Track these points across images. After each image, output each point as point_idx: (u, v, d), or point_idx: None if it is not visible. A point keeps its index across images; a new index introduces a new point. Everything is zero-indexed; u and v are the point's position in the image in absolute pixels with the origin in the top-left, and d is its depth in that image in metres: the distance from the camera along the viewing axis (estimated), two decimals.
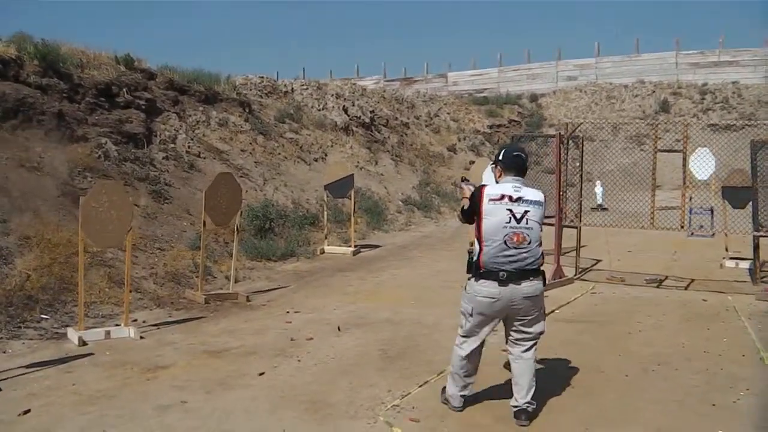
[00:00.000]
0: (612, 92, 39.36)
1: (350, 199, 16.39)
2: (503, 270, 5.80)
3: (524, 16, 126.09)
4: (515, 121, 37.47)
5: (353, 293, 11.63)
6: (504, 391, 6.48)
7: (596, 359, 7.71)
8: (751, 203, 12.95)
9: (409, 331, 9.01)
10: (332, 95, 26.80)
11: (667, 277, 12.85)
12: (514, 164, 6.09)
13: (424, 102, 33.99)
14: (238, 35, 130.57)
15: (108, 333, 8.74)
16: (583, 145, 13.53)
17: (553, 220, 12.72)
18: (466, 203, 6.25)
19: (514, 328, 6.11)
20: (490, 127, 35.43)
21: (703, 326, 9.24)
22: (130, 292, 9.75)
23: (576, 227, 12.98)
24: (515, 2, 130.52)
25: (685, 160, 12.13)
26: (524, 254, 5.83)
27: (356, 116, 26.18)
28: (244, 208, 14.37)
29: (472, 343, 6.17)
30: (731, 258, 14.29)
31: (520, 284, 5.83)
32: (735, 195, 13.85)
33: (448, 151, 30.14)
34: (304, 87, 26.51)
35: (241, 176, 17.29)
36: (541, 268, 6.01)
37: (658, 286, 12.21)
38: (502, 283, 5.82)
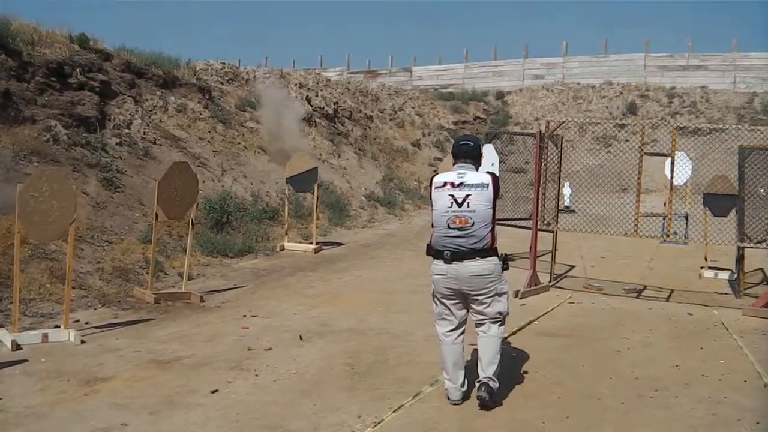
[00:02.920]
0: (579, 92, 38.86)
1: (313, 193, 15.61)
2: (447, 249, 6.19)
3: (491, 13, 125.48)
4: (480, 118, 36.90)
5: (315, 296, 10.85)
6: None
7: (588, 383, 6.98)
8: (734, 212, 12.48)
9: (378, 342, 8.25)
10: (296, 84, 25.98)
11: (645, 287, 12.23)
12: (460, 152, 6.45)
13: (388, 95, 33.23)
14: (200, 19, 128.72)
15: (45, 336, 7.89)
16: (562, 145, 12.89)
17: (529, 223, 12.13)
18: None
19: (473, 310, 6.42)
20: (455, 123, 34.83)
21: (695, 345, 8.57)
22: (73, 289, 9.02)
23: (552, 231, 12.32)
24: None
25: (673, 164, 11.49)
26: (467, 235, 6.14)
27: (320, 107, 25.43)
28: (201, 199, 13.58)
29: (441, 327, 6.58)
30: (710, 268, 13.73)
31: (463, 262, 6.16)
32: (717, 202, 13.27)
33: (412, 146, 29.48)
34: (267, 75, 25.67)
35: (199, 166, 16.49)
36: (493, 247, 6.25)
37: (637, 297, 11.60)
38: (447, 261, 6.20)
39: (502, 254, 6.36)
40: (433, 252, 6.33)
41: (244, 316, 9.39)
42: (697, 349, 8.38)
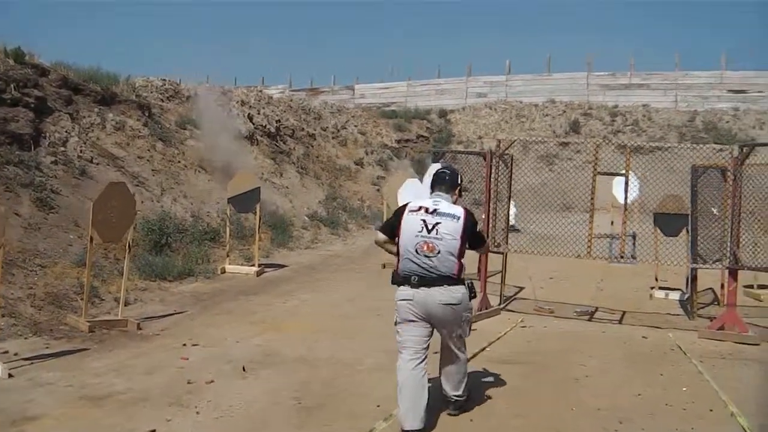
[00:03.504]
0: (522, 111, 38.78)
1: (255, 213, 15.15)
2: (415, 274, 6.21)
3: (434, 31, 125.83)
4: (423, 136, 36.65)
5: (259, 322, 10.39)
6: None
7: (551, 415, 6.65)
8: (684, 231, 12.45)
9: (327, 373, 7.84)
10: (237, 102, 25.50)
11: (597, 309, 12.07)
12: (437, 180, 6.63)
13: (331, 113, 32.85)
14: (140, 35, 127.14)
15: None
16: (512, 164, 12.63)
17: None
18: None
19: (444, 342, 6.54)
20: (398, 141, 34.53)
21: (654, 371, 8.31)
22: (2, 317, 8.51)
23: (502, 252, 12.03)
24: (425, 16, 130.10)
25: (627, 184, 11.28)
26: (434, 262, 6.17)
27: (262, 125, 24.97)
28: (139, 220, 13.09)
29: (403, 356, 6.36)
30: (661, 288, 13.60)
31: (430, 289, 6.18)
32: (667, 222, 13.10)
33: (355, 164, 29.15)
34: (208, 92, 25.13)
35: (137, 185, 15.97)
36: (461, 277, 6.29)
37: (589, 319, 11.42)
38: (414, 286, 6.20)
39: (468, 283, 6.38)
40: (400, 279, 6.35)
41: (184, 345, 8.91)
42: (657, 375, 8.14)
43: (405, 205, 6.53)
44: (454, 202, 6.55)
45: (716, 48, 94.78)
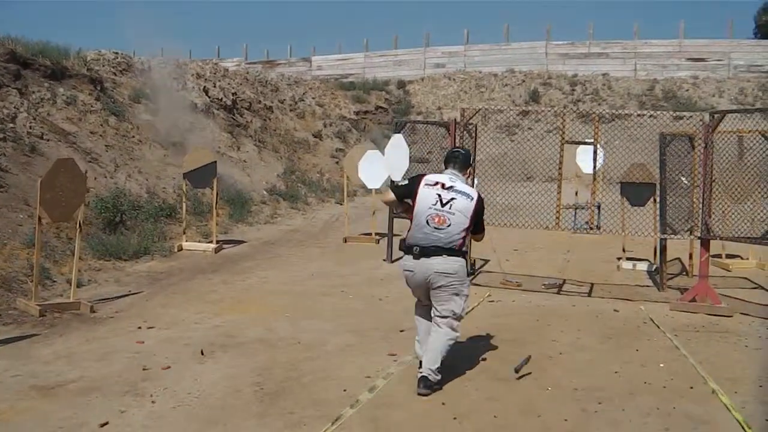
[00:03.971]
0: (481, 81, 38.44)
1: (212, 188, 14.73)
2: (417, 245, 6.58)
3: (390, 1, 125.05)
4: (382, 107, 36.23)
5: (217, 301, 10.02)
6: None
7: (525, 397, 6.34)
8: (653, 201, 12.44)
9: (288, 355, 7.49)
10: (192, 75, 24.93)
11: (565, 281, 11.84)
12: (451, 158, 6.98)
13: (288, 85, 32.28)
14: (92, 7, 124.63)
15: None
16: (476, 134, 12.35)
17: None
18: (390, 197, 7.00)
19: (432, 303, 6.78)
20: (357, 113, 34.08)
21: (629, 346, 8.08)
22: None
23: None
24: None
25: (596, 153, 11.02)
26: (440, 234, 6.52)
27: (218, 98, 24.43)
28: (92, 198, 12.68)
29: (417, 309, 7.11)
30: (628, 259, 13.45)
31: (430, 258, 6.53)
32: (634, 192, 12.88)
33: (313, 137, 28.65)
34: (162, 65, 24.54)
35: (90, 161, 15.47)
36: (461, 250, 6.62)
37: (558, 292, 11.16)
38: (416, 257, 6.59)
39: (472, 260, 7.12)
40: (405, 247, 6.74)
41: (139, 327, 8.50)
42: (633, 351, 7.91)
43: (421, 176, 6.87)
44: (467, 182, 6.94)
45: (674, 16, 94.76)
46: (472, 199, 6.63)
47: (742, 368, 7.31)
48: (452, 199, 6.55)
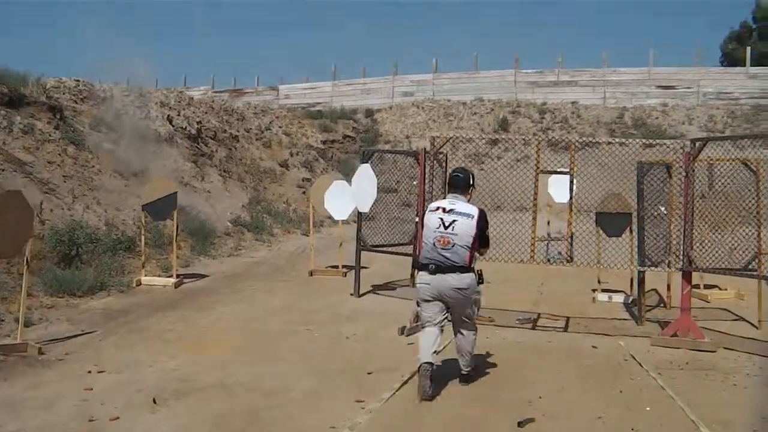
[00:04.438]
0: (450, 109, 38.19)
1: (173, 220, 14.16)
2: (432, 263, 7.39)
3: (360, 30, 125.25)
4: (350, 136, 35.87)
5: (174, 341, 9.44)
6: None
7: None
8: (629, 231, 12.28)
9: (248, 403, 6.95)
10: (156, 103, 24.39)
11: (539, 315, 11.47)
12: (452, 182, 7.77)
13: (255, 114, 31.85)
14: (56, 33, 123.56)
15: None
16: (447, 163, 11.97)
17: (410, 248, 11.22)
18: None
19: (454, 317, 7.66)
20: (324, 142, 33.70)
21: (612, 387, 7.65)
22: None
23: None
24: (350, 15, 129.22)
25: (572, 182, 10.65)
26: (447, 254, 7.33)
27: (182, 127, 23.89)
28: (47, 230, 12.13)
29: (427, 328, 7.59)
30: (603, 290, 13.13)
31: (445, 275, 7.35)
32: (610, 222, 12.51)
33: (280, 166, 28.16)
34: (126, 93, 23.99)
35: (46, 192, 14.87)
36: (471, 266, 7.39)
37: (533, 327, 10.77)
38: (432, 272, 7.39)
39: (478, 271, 7.48)
40: (420, 265, 7.62)
41: (89, 372, 7.90)
42: (616, 392, 7.48)
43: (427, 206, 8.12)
44: (468, 201, 7.63)
45: (643, 45, 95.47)
46: (473, 217, 7.36)
47: (732, 410, 6.90)
48: (454, 221, 7.34)
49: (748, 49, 37.77)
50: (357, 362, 8.50)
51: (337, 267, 15.35)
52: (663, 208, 11.06)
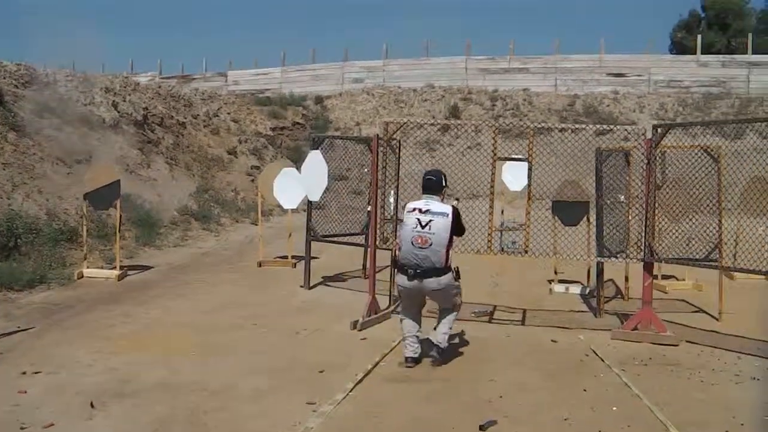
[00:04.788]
0: (401, 96, 37.80)
1: (116, 209, 13.64)
2: (411, 268, 7.78)
3: (309, 15, 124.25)
4: (299, 123, 35.32)
5: (116, 338, 8.96)
6: None
7: None
8: (586, 220, 12.08)
9: (192, 405, 6.55)
10: (101, 89, 23.74)
11: (495, 308, 11.13)
12: (426, 184, 8.14)
13: (202, 100, 31.18)
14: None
15: None
16: (400, 150, 11.63)
17: (361, 239, 10.99)
18: None
19: (439, 305, 8.29)
20: (273, 129, 33.12)
21: (575, 384, 7.36)
22: None
23: (392, 249, 10.99)
24: (298, 2, 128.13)
25: (530, 169, 10.33)
26: (426, 252, 7.72)
27: (127, 113, 23.27)
28: None
29: (406, 314, 8.23)
30: (560, 281, 12.91)
31: (422, 281, 7.79)
32: (567, 211, 12.25)
33: (228, 154, 27.60)
34: (70, 78, 23.32)
35: None
36: (447, 265, 7.84)
37: (489, 321, 10.46)
38: (411, 278, 7.82)
39: (455, 268, 7.94)
40: (398, 266, 8.00)
41: (24, 372, 7.41)
42: (580, 391, 7.18)
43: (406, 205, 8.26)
44: (442, 201, 8.08)
45: (595, 32, 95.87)
46: (447, 215, 7.84)
47: (702, 409, 6.65)
48: (430, 221, 7.77)
49: (699, 37, 37.90)
50: (308, 359, 8.14)
51: (286, 257, 14.97)
52: (622, 197, 10.84)
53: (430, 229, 7.74)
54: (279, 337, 9.20)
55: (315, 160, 12.27)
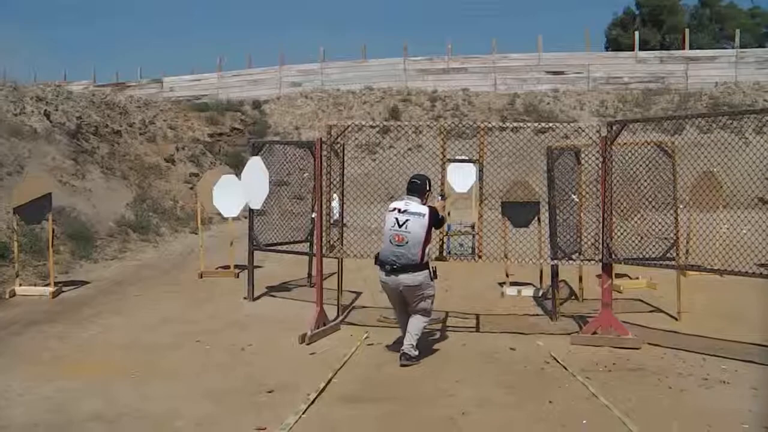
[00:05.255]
0: (339, 99, 37.44)
1: (48, 222, 13.01)
2: (388, 263, 8.24)
3: (245, 19, 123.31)
4: (237, 129, 34.77)
5: (50, 362, 8.42)
6: None
7: None
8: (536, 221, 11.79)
9: None
10: (32, 98, 23.00)
11: (448, 314, 10.79)
12: (410, 187, 8.61)
13: (138, 108, 30.46)
14: None
15: None
16: (344, 154, 11.21)
17: (306, 247, 10.47)
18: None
19: (410, 307, 8.48)
20: (211, 135, 32.54)
21: (540, 396, 7.01)
22: None
23: (338, 257, 10.57)
24: (235, 3, 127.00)
25: (482, 171, 9.98)
26: (402, 249, 8.17)
27: (60, 122, 22.57)
28: None
29: (398, 318, 8.81)
30: (512, 284, 12.64)
31: (398, 276, 8.21)
32: (517, 212, 11.94)
33: (165, 162, 26.97)
34: None
35: None
36: (423, 262, 8.25)
37: (442, 328, 10.07)
38: (388, 273, 8.28)
39: (432, 267, 8.36)
40: (378, 262, 8.43)
41: None
42: (545, 403, 6.84)
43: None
44: (424, 203, 8.49)
45: (532, 30, 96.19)
46: (424, 215, 8.29)
47: (674, 417, 6.33)
48: (407, 220, 8.23)
49: (637, 33, 38.20)
50: (255, 378, 7.70)
51: (228, 267, 14.50)
52: (575, 197, 10.55)
53: (406, 228, 8.20)
54: (223, 355, 8.73)
55: (255, 166, 11.84)
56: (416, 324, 8.40)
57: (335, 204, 22.23)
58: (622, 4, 74.13)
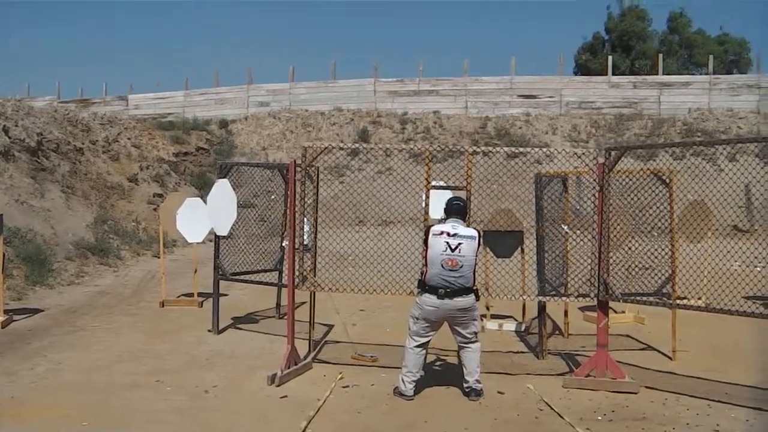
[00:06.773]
0: (308, 119, 36.96)
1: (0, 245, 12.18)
2: (441, 288, 7.92)
3: (213, 37, 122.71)
4: (204, 148, 34.11)
5: None
6: None
7: None
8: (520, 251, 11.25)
9: None
10: None
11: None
12: (453, 209, 8.31)
13: (101, 125, 29.66)
14: None
15: None
16: (318, 177, 10.51)
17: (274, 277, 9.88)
18: None
19: (456, 332, 8.22)
20: (176, 154, 31.82)
21: None
22: None
23: (310, 289, 9.77)
24: (202, 21, 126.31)
25: (469, 198, 9.32)
26: (457, 276, 7.90)
27: (20, 139, 21.72)
28: None
29: (413, 342, 8.23)
30: (492, 317, 12.00)
31: (453, 299, 7.93)
32: (500, 241, 11.28)
33: (129, 181, 26.19)
34: None
35: None
36: (474, 287, 8.04)
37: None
38: (441, 297, 7.94)
39: (474, 289, 8.05)
40: (427, 287, 8.00)
41: None
42: None
43: (429, 227, 8.23)
44: (467, 225, 8.30)
45: (505, 54, 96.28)
46: (475, 238, 8.03)
47: None
48: (459, 244, 7.89)
49: (610, 58, 38.04)
50: (220, 428, 6.96)
51: (191, 296, 13.72)
52: (566, 227, 9.95)
53: (460, 252, 7.89)
54: (184, 399, 7.93)
55: (222, 189, 11.12)
56: (475, 355, 8.19)
57: (306, 229, 21.53)
58: (591, 29, 74.41)
